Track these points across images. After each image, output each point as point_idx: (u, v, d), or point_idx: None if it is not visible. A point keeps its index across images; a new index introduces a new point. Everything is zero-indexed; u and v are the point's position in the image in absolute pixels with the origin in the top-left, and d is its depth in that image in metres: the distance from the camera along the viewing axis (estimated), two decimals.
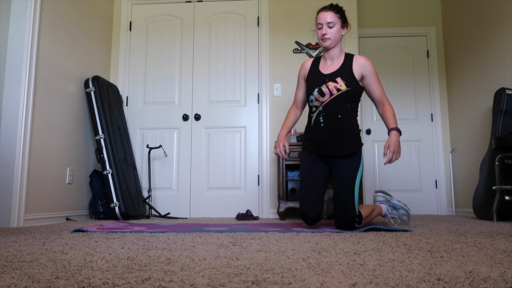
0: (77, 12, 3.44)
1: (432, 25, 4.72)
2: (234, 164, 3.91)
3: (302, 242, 1.57)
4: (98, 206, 3.41)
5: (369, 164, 4.57)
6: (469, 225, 2.59)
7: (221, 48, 4.10)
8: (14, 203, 2.60)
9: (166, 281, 0.83)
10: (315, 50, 4.00)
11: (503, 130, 3.24)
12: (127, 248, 1.39)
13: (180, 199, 3.91)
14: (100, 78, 3.58)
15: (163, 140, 4.00)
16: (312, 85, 2.29)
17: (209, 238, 1.74)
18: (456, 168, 4.37)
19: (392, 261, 1.09)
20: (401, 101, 4.65)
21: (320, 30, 2.25)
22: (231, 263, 1.06)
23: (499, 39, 3.56)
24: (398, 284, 0.80)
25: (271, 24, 4.07)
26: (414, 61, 4.71)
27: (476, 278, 0.85)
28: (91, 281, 0.83)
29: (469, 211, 4.06)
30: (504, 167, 3.07)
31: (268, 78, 3.97)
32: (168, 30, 4.17)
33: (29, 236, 1.85)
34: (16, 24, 2.76)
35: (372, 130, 4.61)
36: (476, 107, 3.95)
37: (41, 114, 2.91)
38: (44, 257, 1.17)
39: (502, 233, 1.94)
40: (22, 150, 2.68)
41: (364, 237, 1.76)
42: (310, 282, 0.82)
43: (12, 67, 2.73)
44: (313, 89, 2.28)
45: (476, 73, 3.96)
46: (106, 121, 3.46)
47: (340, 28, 2.27)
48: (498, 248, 1.36)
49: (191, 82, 4.07)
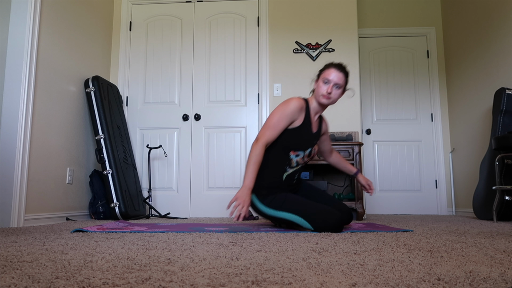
0: (77, 12, 3.44)
1: (432, 25, 4.72)
2: (234, 164, 3.91)
3: (302, 242, 1.57)
4: (98, 206, 3.41)
5: (369, 164, 4.57)
6: (469, 225, 2.59)
7: (221, 48, 4.11)
8: (14, 203, 2.60)
9: (166, 281, 0.83)
10: (315, 50, 4.00)
11: (503, 130, 3.24)
12: (127, 248, 1.39)
13: (180, 199, 3.91)
14: (100, 78, 3.58)
15: (163, 140, 4.00)
16: (306, 143, 2.15)
17: (209, 238, 1.74)
18: (456, 168, 4.37)
19: (392, 261, 1.09)
20: (401, 101, 4.65)
21: (327, 85, 2.10)
22: (231, 263, 1.06)
23: (499, 39, 3.56)
24: (398, 284, 0.80)
25: (271, 24, 4.07)
26: (414, 61, 4.71)
27: (476, 278, 0.85)
28: (91, 281, 0.83)
29: (469, 211, 4.06)
30: (504, 167, 3.07)
31: (268, 78, 3.97)
32: (168, 30, 4.17)
33: (29, 236, 1.85)
34: (16, 24, 2.76)
35: (372, 130, 4.61)
36: (476, 107, 3.95)
37: (41, 114, 2.91)
38: (44, 257, 1.17)
39: (502, 233, 1.94)
40: (22, 150, 2.68)
41: (364, 237, 1.76)
42: (310, 282, 0.82)
43: (12, 67, 2.73)
44: (306, 147, 2.15)
45: (476, 73, 3.96)
46: (106, 121, 3.46)
47: (341, 93, 2.18)
48: (498, 248, 1.36)
49: (191, 82, 4.07)
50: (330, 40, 4.00)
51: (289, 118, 2.08)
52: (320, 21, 4.04)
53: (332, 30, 4.01)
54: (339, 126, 3.87)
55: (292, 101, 2.09)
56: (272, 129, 2.05)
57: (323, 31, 4.02)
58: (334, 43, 3.99)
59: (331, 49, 3.98)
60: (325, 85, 2.10)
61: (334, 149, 2.33)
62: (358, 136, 3.80)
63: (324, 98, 2.11)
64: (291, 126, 2.11)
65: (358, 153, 3.40)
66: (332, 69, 2.11)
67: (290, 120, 2.09)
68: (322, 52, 4.00)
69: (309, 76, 3.97)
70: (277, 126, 2.06)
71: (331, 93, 2.10)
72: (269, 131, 2.05)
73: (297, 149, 2.13)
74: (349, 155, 3.41)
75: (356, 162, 3.39)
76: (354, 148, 3.41)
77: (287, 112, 2.07)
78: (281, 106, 2.09)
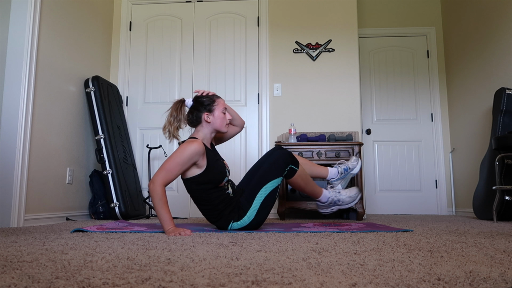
0: (77, 12, 3.44)
1: (432, 25, 4.72)
2: (234, 164, 3.91)
3: (302, 242, 1.57)
4: (98, 206, 3.41)
5: (369, 164, 4.57)
6: (469, 225, 2.59)
7: (221, 48, 4.11)
8: (14, 203, 2.60)
9: (166, 281, 0.83)
10: (315, 50, 4.00)
11: (503, 130, 3.24)
12: (127, 248, 1.39)
13: (180, 199, 3.91)
14: (100, 78, 3.58)
15: (163, 140, 4.00)
16: (223, 167, 2.18)
17: (209, 238, 1.74)
18: (456, 168, 4.37)
19: (392, 261, 1.09)
20: (401, 101, 4.65)
21: (226, 114, 2.23)
22: (231, 263, 1.06)
23: (499, 39, 3.56)
24: (398, 284, 0.80)
25: (271, 24, 4.07)
26: (414, 61, 4.71)
27: (476, 278, 0.85)
28: (91, 281, 0.83)
29: (469, 211, 4.06)
30: (504, 167, 3.07)
31: (268, 78, 3.97)
32: (168, 30, 4.17)
33: (29, 236, 1.85)
34: (16, 24, 2.76)
35: (372, 130, 4.61)
36: (476, 107, 3.95)
37: (41, 114, 2.91)
38: (44, 257, 1.17)
39: (502, 233, 1.94)
40: (22, 150, 2.68)
41: (364, 237, 1.76)
42: (310, 282, 0.82)
43: (12, 67, 2.73)
44: (225, 170, 2.18)
45: (476, 73, 3.96)
46: (106, 121, 3.46)
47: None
48: (498, 248, 1.36)
49: (191, 82, 4.07)
50: (330, 40, 4.00)
51: (191, 160, 2.03)
52: (320, 21, 4.04)
53: (332, 30, 4.01)
54: (339, 126, 3.87)
55: (197, 145, 2.03)
56: (175, 170, 2.00)
57: (323, 31, 4.02)
58: (334, 43, 3.99)
59: (331, 49, 3.98)
60: (224, 114, 2.22)
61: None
62: (358, 136, 3.80)
63: (227, 126, 2.25)
64: (198, 171, 2.07)
65: (358, 153, 3.40)
66: (221, 99, 2.26)
67: (193, 161, 2.04)
68: (322, 52, 4.00)
69: (309, 76, 3.97)
70: (179, 167, 2.01)
71: (230, 119, 2.28)
72: (168, 174, 1.98)
73: (222, 180, 2.13)
74: (349, 155, 3.41)
75: None
76: (354, 148, 3.41)
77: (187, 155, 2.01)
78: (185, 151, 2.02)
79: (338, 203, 2.34)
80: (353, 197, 2.34)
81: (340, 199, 2.33)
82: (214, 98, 2.23)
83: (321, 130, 3.88)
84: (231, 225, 2.15)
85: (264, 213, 2.16)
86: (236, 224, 2.15)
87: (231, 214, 2.14)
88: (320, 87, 3.95)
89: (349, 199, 2.34)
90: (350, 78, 3.94)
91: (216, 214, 2.15)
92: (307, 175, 2.26)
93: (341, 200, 2.33)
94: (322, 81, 3.96)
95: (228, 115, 2.26)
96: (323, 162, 3.42)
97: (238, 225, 2.15)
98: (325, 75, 3.96)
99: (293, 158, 2.19)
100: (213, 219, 2.18)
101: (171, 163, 2.00)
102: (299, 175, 2.20)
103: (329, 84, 3.95)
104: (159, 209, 1.95)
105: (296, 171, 2.18)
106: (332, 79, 3.95)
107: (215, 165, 2.13)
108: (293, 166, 2.17)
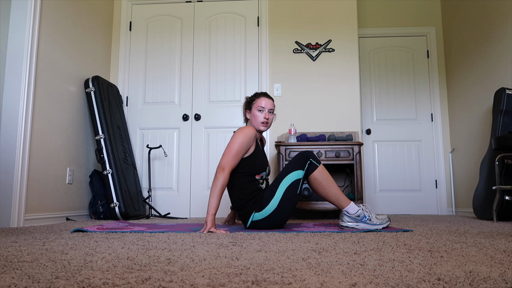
0: (77, 12, 3.44)
1: (432, 25, 4.72)
2: None
3: (302, 242, 1.57)
4: (98, 206, 3.41)
5: (369, 164, 4.57)
6: (469, 225, 2.59)
7: (221, 48, 4.11)
8: (14, 203, 2.60)
9: (166, 281, 0.83)
10: (315, 50, 4.00)
11: (503, 130, 3.24)
12: (127, 248, 1.39)
13: (180, 199, 3.91)
14: (100, 78, 3.58)
15: (163, 140, 4.00)
16: (265, 162, 2.33)
17: (209, 238, 1.74)
18: (456, 168, 4.37)
19: (392, 261, 1.09)
20: (401, 101, 4.65)
21: (262, 113, 2.29)
22: (231, 263, 1.06)
23: (499, 39, 3.56)
24: (398, 284, 0.80)
25: (271, 24, 4.07)
26: (414, 61, 4.71)
27: (476, 278, 0.85)
28: (91, 281, 0.83)
29: (469, 211, 4.06)
30: (504, 167, 3.07)
31: (268, 78, 3.97)
32: (168, 30, 4.17)
33: (29, 236, 1.85)
34: (16, 24, 2.76)
35: (372, 130, 4.61)
36: (476, 107, 3.95)
37: (41, 114, 2.91)
38: (44, 257, 1.17)
39: (502, 233, 1.94)
40: (22, 150, 2.68)
41: (364, 237, 1.76)
42: (310, 282, 0.82)
43: (12, 67, 2.73)
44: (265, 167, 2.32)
45: (476, 73, 3.96)
46: (106, 121, 3.46)
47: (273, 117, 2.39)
48: (498, 248, 1.36)
49: (191, 82, 4.07)
50: (330, 40, 4.00)
51: (249, 144, 2.21)
52: (320, 21, 4.04)
53: (332, 30, 4.01)
54: (339, 126, 3.87)
55: (249, 129, 2.22)
56: (237, 155, 2.17)
57: (323, 31, 4.02)
58: (334, 43, 3.99)
59: (331, 49, 3.98)
60: (260, 113, 2.28)
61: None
62: (358, 136, 3.80)
63: (263, 125, 2.30)
64: (246, 154, 2.24)
65: (358, 153, 3.40)
66: (262, 97, 2.32)
67: (248, 146, 2.22)
68: (322, 52, 4.00)
69: (309, 76, 3.97)
70: (239, 152, 2.18)
71: (268, 118, 2.30)
72: (234, 159, 2.16)
73: (260, 171, 2.28)
74: (349, 155, 3.41)
75: (356, 162, 3.39)
76: (354, 148, 3.41)
77: (247, 139, 2.19)
78: (240, 134, 2.20)
79: (365, 220, 2.17)
80: (382, 220, 2.21)
81: (371, 218, 2.19)
82: (254, 96, 2.35)
83: (321, 130, 3.88)
84: (253, 215, 2.19)
85: (285, 206, 2.17)
86: (258, 214, 2.18)
87: (254, 205, 2.20)
88: (320, 87, 3.95)
89: (379, 220, 2.20)
90: (350, 78, 3.94)
91: (243, 203, 2.22)
92: (330, 178, 2.21)
93: (372, 220, 2.18)
94: (322, 81, 3.96)
95: (266, 115, 2.28)
96: (323, 162, 3.42)
97: (260, 215, 2.18)
98: (325, 75, 3.97)
99: (314, 155, 2.24)
100: (238, 207, 2.25)
101: (236, 146, 2.15)
102: (319, 173, 2.19)
103: (329, 84, 3.95)
104: (216, 193, 2.08)
105: (317, 166, 2.19)
106: (332, 79, 3.95)
107: (259, 155, 2.27)
108: (313, 161, 2.20)
